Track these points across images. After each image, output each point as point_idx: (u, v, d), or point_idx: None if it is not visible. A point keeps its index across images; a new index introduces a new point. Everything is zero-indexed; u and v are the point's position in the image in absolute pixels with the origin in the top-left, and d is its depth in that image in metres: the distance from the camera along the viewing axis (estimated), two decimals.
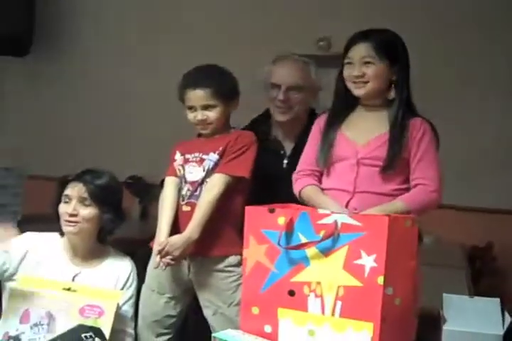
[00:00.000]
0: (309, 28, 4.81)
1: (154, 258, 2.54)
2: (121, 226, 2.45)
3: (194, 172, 2.54)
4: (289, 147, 2.76)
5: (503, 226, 4.55)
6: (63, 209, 2.36)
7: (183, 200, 2.54)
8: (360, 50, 2.25)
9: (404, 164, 2.23)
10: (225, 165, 2.51)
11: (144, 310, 2.62)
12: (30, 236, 2.47)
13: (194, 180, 2.53)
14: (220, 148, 2.53)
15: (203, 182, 2.52)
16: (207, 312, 2.57)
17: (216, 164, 2.52)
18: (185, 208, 2.52)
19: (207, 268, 2.52)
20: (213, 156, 2.53)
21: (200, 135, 2.64)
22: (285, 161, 2.74)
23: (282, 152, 2.76)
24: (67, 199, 2.37)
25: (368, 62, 2.24)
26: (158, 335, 2.61)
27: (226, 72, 2.60)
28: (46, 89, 5.45)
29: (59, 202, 2.39)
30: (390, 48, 2.26)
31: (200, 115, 2.53)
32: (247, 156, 2.55)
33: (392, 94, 2.28)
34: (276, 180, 2.62)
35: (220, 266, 2.50)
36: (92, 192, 2.35)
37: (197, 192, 2.52)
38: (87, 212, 2.35)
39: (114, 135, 5.26)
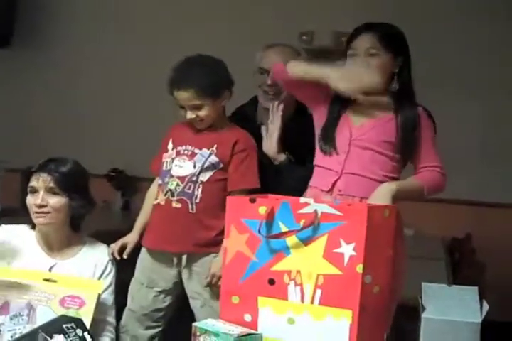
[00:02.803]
0: (293, 22, 4.82)
1: (142, 253, 2.61)
2: (100, 214, 2.44)
3: (184, 167, 2.51)
4: None
5: (481, 218, 4.61)
6: (31, 201, 2.34)
7: (172, 196, 2.51)
8: (365, 41, 2.28)
9: (399, 151, 2.29)
10: (238, 180, 2.51)
11: (133, 303, 2.63)
12: (0, 230, 2.45)
13: (183, 175, 2.51)
14: (215, 146, 2.51)
15: (197, 180, 2.49)
16: (194, 304, 2.58)
17: (213, 165, 2.50)
18: (176, 204, 2.51)
19: (197, 259, 2.53)
20: (206, 152, 2.51)
21: None
22: None
23: None
24: (34, 191, 2.34)
25: (373, 54, 2.26)
26: (147, 328, 2.63)
27: (210, 64, 2.55)
28: (25, 81, 5.42)
29: (25, 194, 2.36)
30: (394, 40, 2.31)
31: (189, 114, 2.51)
32: (253, 164, 2.55)
33: (394, 86, 2.31)
34: (263, 167, 2.62)
35: (210, 257, 2.51)
36: (58, 181, 2.32)
37: (190, 190, 2.49)
38: (56, 201, 2.32)
39: (95, 127, 5.25)
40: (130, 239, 2.59)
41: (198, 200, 2.49)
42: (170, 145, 2.58)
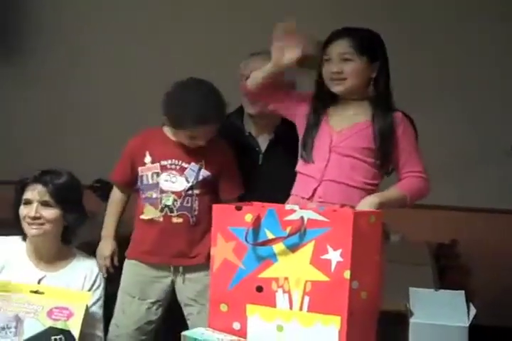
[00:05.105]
0: (271, 30, 4.84)
1: (126, 266, 2.63)
2: (85, 225, 2.43)
3: (176, 182, 2.53)
4: (263, 143, 2.76)
5: (466, 223, 4.63)
6: (24, 212, 2.32)
7: (171, 211, 2.52)
8: (339, 47, 2.28)
9: (378, 158, 2.29)
10: (231, 189, 2.59)
11: (125, 318, 2.62)
12: None
13: (178, 190, 2.52)
14: (203, 160, 2.53)
15: (192, 193, 2.52)
16: (190, 311, 2.59)
17: (205, 178, 2.52)
18: (177, 220, 2.53)
19: (193, 267, 2.55)
20: (195, 167, 2.53)
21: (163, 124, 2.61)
22: (260, 158, 2.75)
23: (257, 148, 2.76)
24: (28, 202, 2.33)
25: (347, 59, 2.26)
26: None
27: (218, 93, 2.53)
28: (7, 92, 5.40)
29: (18, 205, 2.35)
30: (369, 45, 2.29)
31: (201, 142, 2.51)
32: (237, 171, 2.61)
33: (371, 91, 2.31)
34: (252, 177, 2.65)
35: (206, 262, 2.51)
36: (53, 193, 2.31)
37: (188, 204, 2.52)
38: (50, 213, 2.32)
39: (79, 138, 5.24)
40: (112, 247, 2.62)
41: (196, 212, 2.53)
42: (148, 159, 2.57)
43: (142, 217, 2.57)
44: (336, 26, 2.38)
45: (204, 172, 2.53)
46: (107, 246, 2.62)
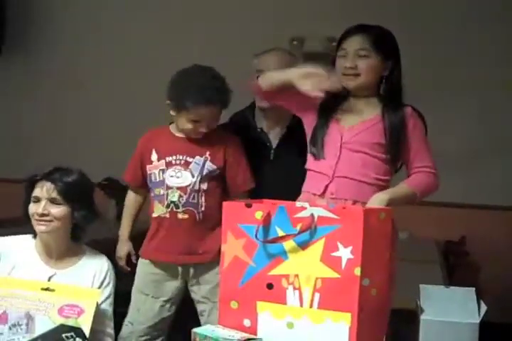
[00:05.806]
0: (283, 27, 4.84)
1: (139, 265, 2.65)
2: (94, 223, 2.43)
3: (182, 177, 2.52)
4: (275, 139, 2.76)
5: (475, 220, 4.63)
6: (33, 209, 2.32)
7: (177, 207, 2.52)
8: (356, 43, 2.28)
9: (389, 153, 2.29)
10: (241, 183, 2.58)
11: (139, 315, 2.64)
12: (0, 240, 2.44)
13: (183, 186, 2.52)
14: (207, 153, 2.52)
15: (199, 189, 2.51)
16: (204, 308, 2.60)
17: (210, 172, 2.52)
18: (182, 216, 2.53)
19: (204, 265, 2.56)
20: (200, 160, 2.52)
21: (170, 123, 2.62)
22: (272, 153, 2.75)
23: (268, 144, 2.76)
24: (37, 200, 2.33)
25: (363, 56, 2.26)
26: (151, 339, 2.63)
27: (221, 77, 2.54)
28: (16, 91, 5.41)
29: (28, 202, 2.35)
30: (385, 43, 2.31)
31: (205, 128, 2.51)
32: (247, 164, 2.60)
33: (381, 89, 2.32)
34: (263, 172, 2.65)
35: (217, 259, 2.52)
36: (61, 191, 2.31)
37: (194, 200, 2.52)
38: (58, 210, 2.31)
39: (88, 136, 5.25)
40: (128, 248, 2.68)
41: (203, 208, 2.52)
42: (154, 156, 2.58)
43: (153, 215, 2.59)
44: (347, 26, 2.38)
45: (209, 166, 2.51)
46: (122, 247, 2.68)
